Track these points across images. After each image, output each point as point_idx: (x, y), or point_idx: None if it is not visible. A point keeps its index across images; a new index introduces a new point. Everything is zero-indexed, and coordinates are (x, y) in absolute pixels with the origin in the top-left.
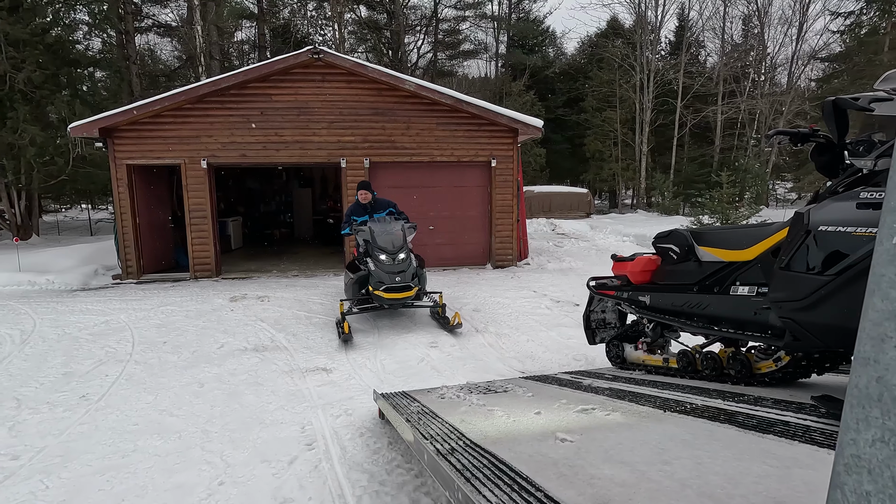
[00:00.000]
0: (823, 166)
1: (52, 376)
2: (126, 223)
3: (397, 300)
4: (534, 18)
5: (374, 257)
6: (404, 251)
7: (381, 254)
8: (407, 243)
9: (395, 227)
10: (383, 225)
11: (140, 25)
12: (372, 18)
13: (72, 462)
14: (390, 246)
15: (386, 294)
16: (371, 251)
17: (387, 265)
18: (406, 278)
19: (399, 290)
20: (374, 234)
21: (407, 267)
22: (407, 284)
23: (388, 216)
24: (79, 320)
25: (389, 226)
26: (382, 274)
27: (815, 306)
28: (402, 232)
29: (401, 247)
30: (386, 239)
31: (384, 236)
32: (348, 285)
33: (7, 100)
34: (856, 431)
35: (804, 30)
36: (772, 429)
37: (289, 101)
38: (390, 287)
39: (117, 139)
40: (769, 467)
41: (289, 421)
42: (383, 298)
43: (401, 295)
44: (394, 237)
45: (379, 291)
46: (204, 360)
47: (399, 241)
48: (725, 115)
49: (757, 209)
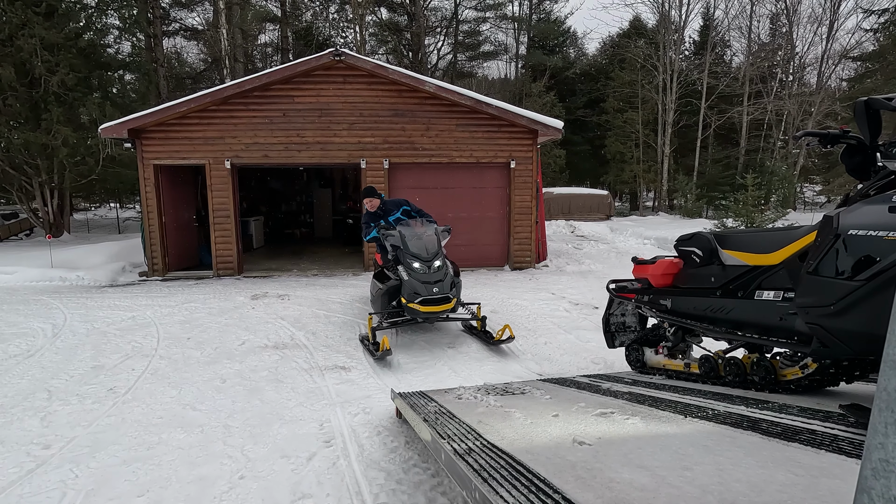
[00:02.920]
0: (854, 168)
1: (81, 369)
2: (153, 222)
3: (435, 314)
4: (555, 19)
5: (407, 265)
6: (440, 258)
7: (414, 261)
8: (442, 249)
9: (428, 231)
10: (414, 229)
11: (168, 29)
12: (393, 20)
13: (100, 452)
14: (424, 252)
15: (423, 307)
16: (402, 258)
17: (421, 274)
18: (444, 288)
19: (437, 303)
20: (405, 238)
21: (444, 276)
22: (446, 296)
23: (419, 218)
24: (107, 315)
25: (421, 230)
26: (417, 284)
27: (844, 312)
28: (437, 236)
29: (436, 253)
30: (418, 244)
31: (416, 241)
32: (376, 297)
33: (42, 102)
34: (884, 435)
35: (835, 28)
36: (797, 437)
37: (310, 103)
38: (427, 299)
39: (145, 140)
40: (794, 476)
41: (308, 418)
42: (419, 312)
43: (439, 308)
44: (427, 242)
45: (414, 304)
46: (226, 357)
47: (434, 246)
48: (751, 116)
49: (784, 212)
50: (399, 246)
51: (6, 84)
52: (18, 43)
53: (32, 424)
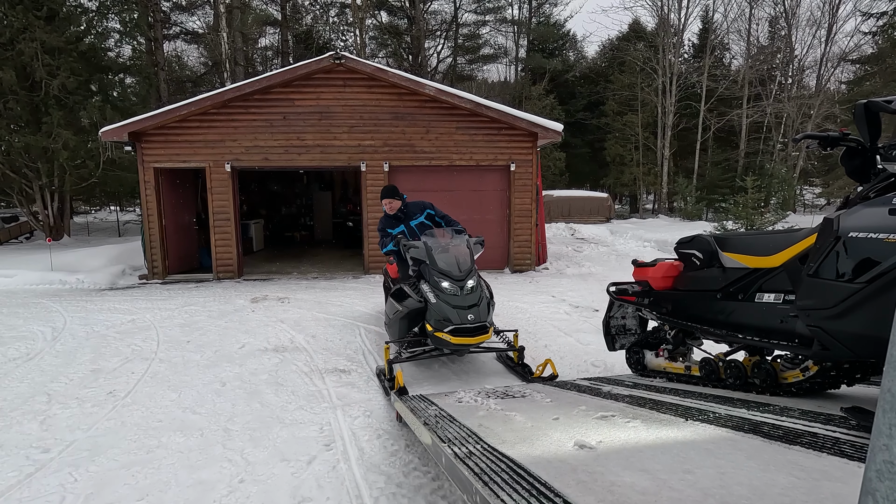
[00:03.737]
0: (854, 171)
1: (81, 372)
2: (153, 225)
3: (467, 347)
4: (554, 22)
5: (434, 285)
6: (473, 277)
7: (442, 280)
8: (475, 265)
9: (459, 244)
10: (442, 240)
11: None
12: (392, 24)
13: (99, 456)
14: (455, 269)
15: (454, 338)
16: (428, 275)
17: (452, 296)
18: (481, 315)
19: (472, 333)
20: (432, 252)
21: (479, 299)
22: (482, 324)
23: (446, 228)
24: (107, 319)
25: (451, 241)
26: (447, 309)
27: (845, 315)
28: (469, 250)
29: (469, 270)
30: (448, 260)
31: (445, 256)
32: (393, 321)
33: (42, 105)
34: (888, 437)
35: (834, 31)
36: (799, 440)
37: (310, 106)
38: (460, 328)
39: (145, 143)
40: (796, 479)
41: (308, 421)
42: (450, 343)
43: (474, 339)
44: (459, 257)
45: (443, 333)
46: (226, 360)
47: (466, 262)
48: (751, 119)
49: (783, 215)
50: (424, 260)
51: (7, 87)
52: (19, 46)
53: (32, 428)
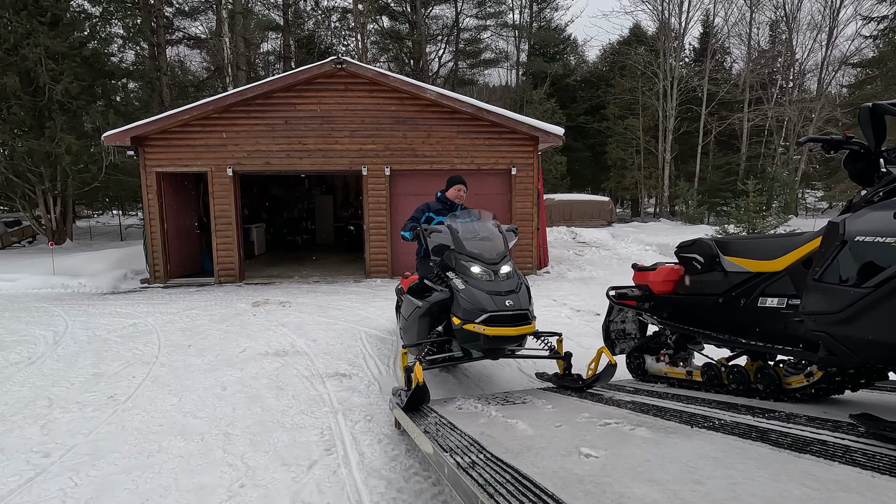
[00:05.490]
0: (858, 174)
1: (82, 377)
2: (154, 229)
3: (508, 339)
4: (555, 27)
5: (461, 270)
6: (508, 263)
7: (471, 264)
8: (509, 252)
9: (488, 225)
10: (470, 222)
11: (171, 38)
12: (394, 29)
13: (100, 461)
14: (487, 252)
15: (490, 328)
16: (454, 262)
17: (485, 282)
18: (521, 301)
19: (513, 322)
20: (458, 234)
21: (517, 286)
22: (524, 311)
23: (476, 210)
24: (108, 323)
25: (479, 224)
26: (480, 295)
27: (852, 320)
28: (502, 234)
29: (503, 255)
30: (478, 243)
31: (474, 239)
32: (412, 321)
33: (45, 110)
34: None
35: (835, 35)
36: (808, 448)
37: (312, 110)
38: (497, 316)
39: (147, 147)
40: (810, 490)
41: (309, 425)
42: (483, 339)
43: (515, 330)
44: (490, 239)
45: (475, 325)
46: (227, 364)
47: (499, 244)
48: (752, 123)
49: (785, 218)
50: (449, 245)
51: (11, 93)
52: (23, 52)
53: (32, 432)
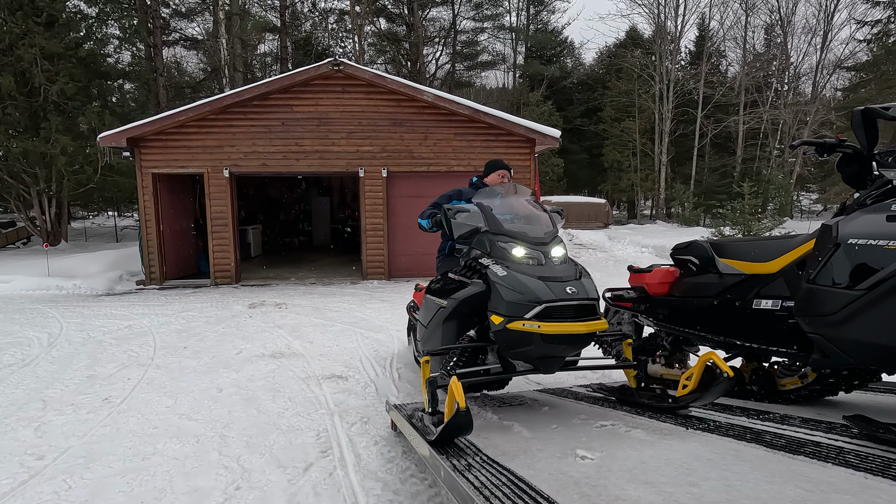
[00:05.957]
0: (851, 177)
1: (76, 379)
2: (150, 230)
3: (573, 340)
4: (552, 29)
5: (500, 254)
6: (561, 245)
7: (513, 245)
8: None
9: (526, 199)
10: (506, 198)
11: (167, 39)
12: (391, 30)
13: (94, 463)
14: (532, 231)
15: (548, 325)
16: (488, 246)
17: (535, 266)
18: (587, 289)
19: (579, 314)
20: (492, 211)
21: (578, 273)
22: (592, 301)
23: (510, 184)
24: (103, 324)
25: (518, 199)
26: (529, 282)
27: (845, 322)
28: (546, 212)
29: (553, 235)
30: (519, 221)
31: (514, 216)
32: (433, 326)
33: (41, 111)
34: None
35: (829, 39)
36: (802, 449)
37: (309, 112)
38: (555, 308)
39: (144, 149)
40: (804, 492)
41: (305, 427)
42: (543, 338)
43: (583, 326)
44: (534, 217)
45: (525, 322)
46: (223, 366)
47: (546, 223)
48: (747, 126)
49: (781, 221)
50: (479, 227)
51: (6, 93)
52: (19, 52)
53: (26, 435)
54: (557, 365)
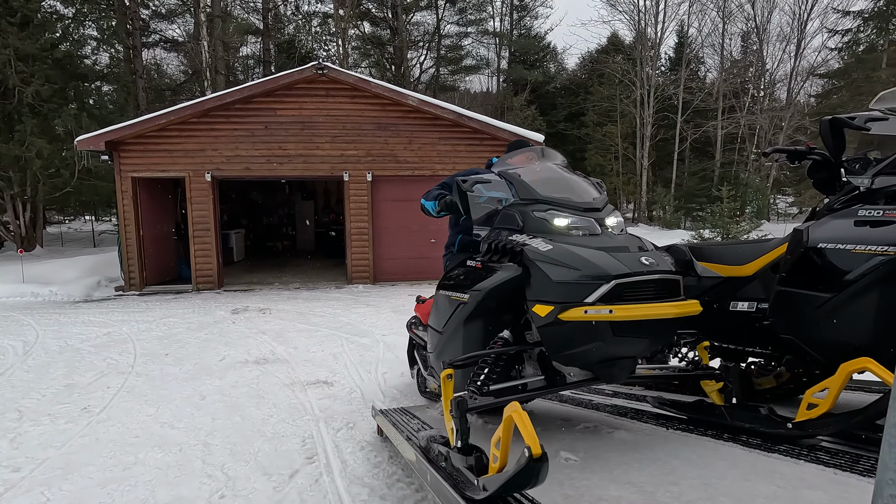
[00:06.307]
0: (821, 183)
1: (53, 388)
2: (130, 235)
3: (659, 329)
4: (535, 35)
5: (537, 227)
6: (616, 214)
7: (556, 214)
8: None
9: (557, 164)
10: (531, 164)
11: (147, 41)
12: (375, 34)
13: (73, 474)
14: (577, 195)
15: (624, 308)
16: (520, 219)
17: (589, 237)
18: (661, 261)
19: (658, 295)
20: (523, 177)
21: (643, 243)
22: (675, 276)
23: (538, 148)
24: (81, 332)
25: (547, 164)
26: (588, 253)
27: (816, 323)
28: (588, 180)
29: (605, 201)
30: (559, 185)
31: (552, 182)
32: (452, 329)
33: (15, 113)
34: (895, 471)
35: (802, 47)
36: (776, 448)
37: (293, 116)
38: (633, 283)
39: (123, 152)
40: (777, 488)
41: (290, 434)
42: (617, 327)
43: (674, 306)
44: (574, 182)
45: (588, 308)
46: (205, 373)
47: (591, 187)
48: (725, 130)
49: (758, 223)
50: (506, 198)
51: None
52: None
53: (2, 446)
54: (629, 369)
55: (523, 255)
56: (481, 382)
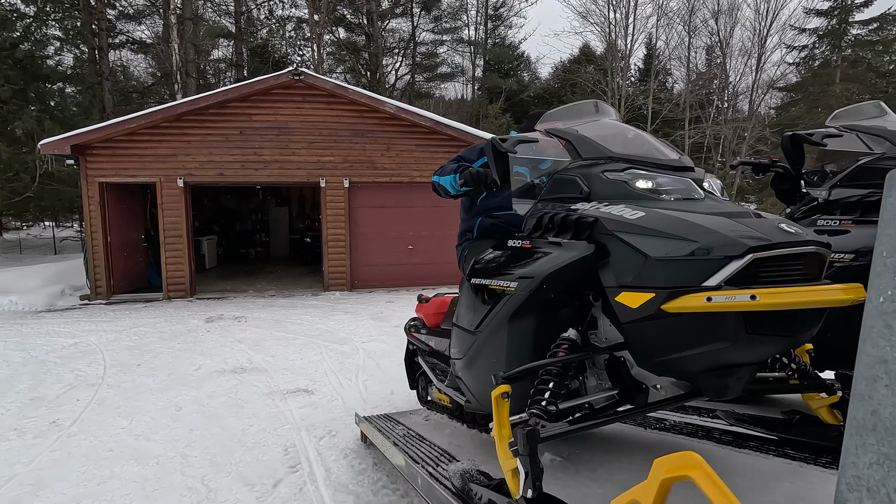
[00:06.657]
0: (783, 194)
1: (18, 402)
2: (97, 242)
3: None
4: (509, 44)
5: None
6: (708, 175)
7: (637, 174)
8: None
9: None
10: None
11: (114, 42)
12: (350, 40)
13: (44, 490)
14: (659, 152)
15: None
16: (586, 182)
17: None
18: (807, 231)
19: (808, 275)
20: (581, 132)
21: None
22: (823, 249)
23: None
24: (45, 343)
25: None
26: (708, 220)
27: None
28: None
29: (689, 161)
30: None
31: (621, 137)
32: (492, 329)
33: None
34: (855, 456)
35: (763, 61)
36: (748, 444)
37: (269, 121)
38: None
39: (90, 156)
40: (750, 481)
41: (271, 443)
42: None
43: (841, 290)
44: (646, 139)
45: (714, 292)
46: (181, 383)
47: (665, 147)
48: (692, 140)
49: None
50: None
51: None
52: None
53: None
54: (748, 380)
55: (597, 227)
56: (547, 402)
